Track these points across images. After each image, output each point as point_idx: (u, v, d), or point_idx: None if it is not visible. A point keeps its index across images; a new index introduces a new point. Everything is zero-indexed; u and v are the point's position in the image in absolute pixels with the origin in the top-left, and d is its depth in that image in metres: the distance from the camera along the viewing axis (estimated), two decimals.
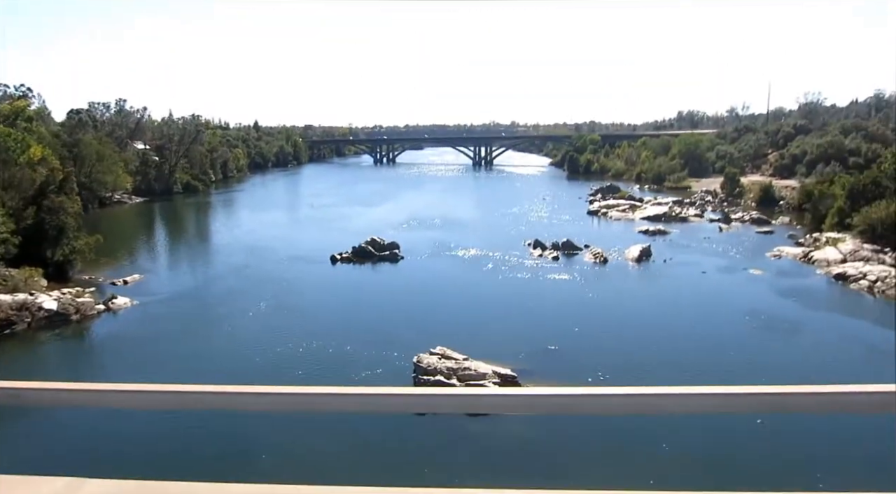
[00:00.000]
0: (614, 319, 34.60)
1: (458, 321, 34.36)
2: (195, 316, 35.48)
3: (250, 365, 28.24)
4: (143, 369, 27.78)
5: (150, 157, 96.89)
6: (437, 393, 2.86)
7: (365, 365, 27.88)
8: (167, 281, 43.77)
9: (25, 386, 2.76)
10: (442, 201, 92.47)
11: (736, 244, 54.63)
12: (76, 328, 33.95)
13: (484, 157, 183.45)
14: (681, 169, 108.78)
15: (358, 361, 28.36)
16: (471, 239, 58.95)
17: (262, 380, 26.11)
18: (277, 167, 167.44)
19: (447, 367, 24.85)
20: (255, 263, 49.00)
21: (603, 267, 46.97)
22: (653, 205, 75.92)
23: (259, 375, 27.00)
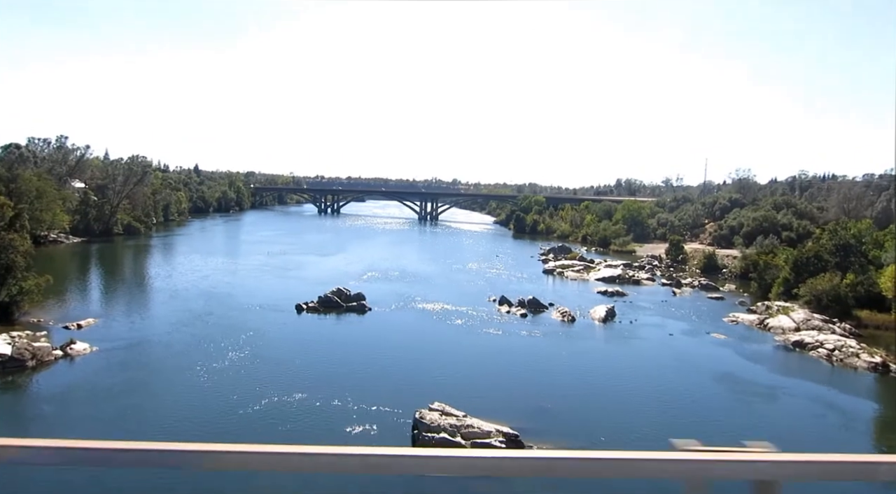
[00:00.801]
0: (597, 378, 34.95)
1: (442, 377, 33.85)
2: (162, 365, 33.54)
3: (231, 421, 26.78)
4: (111, 422, 25.93)
5: (91, 197, 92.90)
6: (460, 456, 2.65)
7: (358, 420, 26.93)
8: (125, 326, 41.30)
9: None
10: (397, 254, 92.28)
11: (692, 308, 56.60)
12: (33, 375, 31.36)
13: (430, 212, 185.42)
14: (625, 233, 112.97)
15: (348, 416, 27.37)
16: (434, 292, 58.83)
17: (247, 438, 24.84)
18: (219, 212, 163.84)
19: (450, 424, 24.28)
20: (217, 310, 47.10)
21: (572, 326, 47.56)
22: (605, 266, 78.03)
23: (243, 431, 25.64)
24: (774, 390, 33.76)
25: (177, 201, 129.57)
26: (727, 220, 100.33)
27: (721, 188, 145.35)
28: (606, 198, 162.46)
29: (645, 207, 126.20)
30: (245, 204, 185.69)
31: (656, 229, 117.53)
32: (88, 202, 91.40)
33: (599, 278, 71.69)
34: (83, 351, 34.82)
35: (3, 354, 31.44)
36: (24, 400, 28.40)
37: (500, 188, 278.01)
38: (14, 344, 32.35)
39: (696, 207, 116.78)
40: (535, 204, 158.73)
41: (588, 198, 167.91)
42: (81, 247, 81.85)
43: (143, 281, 59.36)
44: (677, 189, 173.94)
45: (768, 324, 47.81)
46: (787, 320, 47.32)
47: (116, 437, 24.53)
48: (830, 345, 40.18)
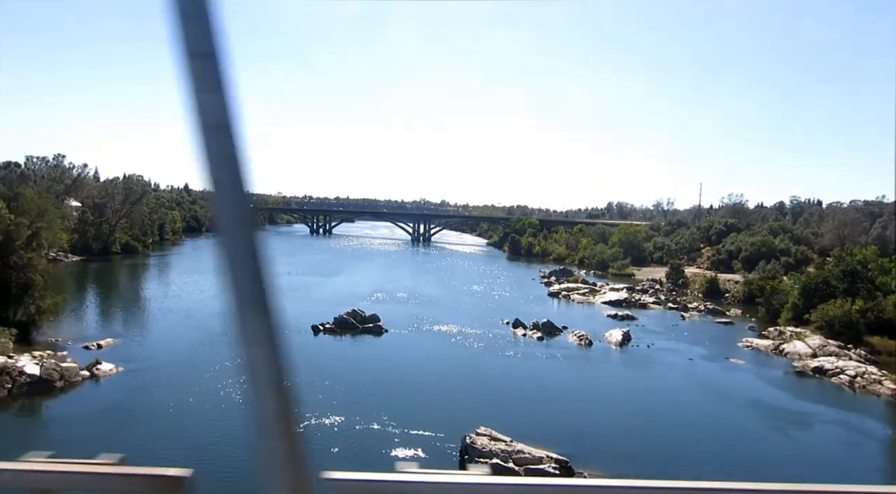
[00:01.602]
0: (630, 403, 34.90)
1: (476, 401, 33.61)
2: (191, 386, 32.94)
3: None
4: (150, 445, 25.44)
5: (89, 215, 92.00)
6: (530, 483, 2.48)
7: (401, 444, 26.66)
8: (146, 346, 40.67)
9: None
10: (399, 275, 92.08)
11: (703, 333, 56.98)
12: (62, 396, 30.80)
13: (422, 234, 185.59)
14: (622, 257, 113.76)
15: (390, 440, 27.08)
16: (445, 314, 58.69)
17: None
18: (211, 232, 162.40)
19: (500, 450, 24.12)
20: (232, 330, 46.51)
21: (590, 350, 47.62)
22: (610, 290, 78.42)
23: None
24: (805, 417, 33.98)
25: (171, 220, 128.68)
26: (724, 245, 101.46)
27: (711, 212, 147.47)
28: (600, 222, 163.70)
29: (640, 231, 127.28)
30: None
31: (653, 253, 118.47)
32: (87, 221, 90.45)
33: (606, 301, 72.04)
34: (109, 372, 34.27)
35: (33, 375, 30.86)
36: (57, 421, 27.71)
37: (489, 210, 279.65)
38: (42, 365, 31.75)
39: (692, 232, 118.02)
40: (529, 226, 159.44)
41: (581, 221, 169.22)
42: (81, 265, 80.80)
43: (152, 301, 58.55)
44: (668, 213, 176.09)
45: (784, 350, 48.20)
46: (802, 346, 47.73)
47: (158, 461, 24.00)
48: (851, 372, 40.59)
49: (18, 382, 30.25)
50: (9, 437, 25.57)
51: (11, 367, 30.48)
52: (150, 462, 2.67)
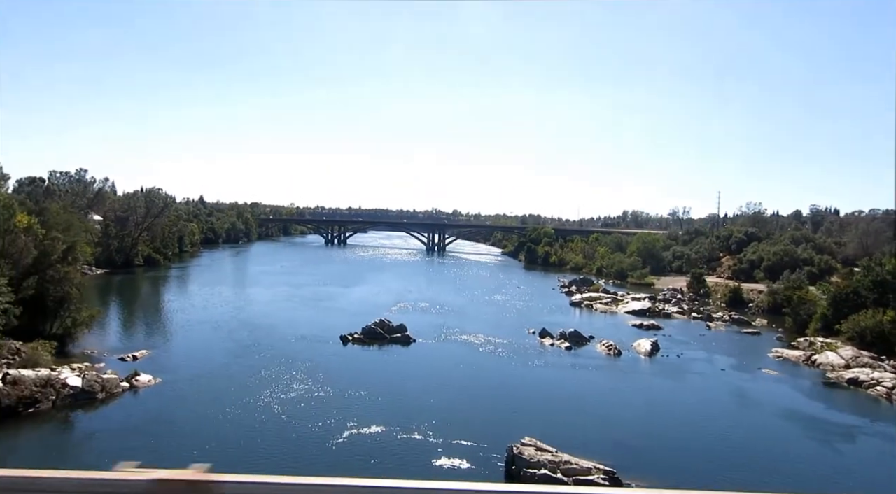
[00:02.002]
0: (669, 413, 34.72)
1: (514, 410, 33.64)
2: (230, 397, 33.08)
3: (319, 454, 26.45)
4: (194, 454, 25.57)
5: (112, 229, 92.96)
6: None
7: (444, 453, 26.62)
8: (180, 357, 40.91)
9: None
10: (419, 285, 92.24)
11: (731, 343, 56.60)
12: (105, 407, 31.06)
13: (437, 243, 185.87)
14: (642, 266, 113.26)
15: (434, 450, 27.05)
16: (470, 324, 58.70)
17: (340, 471, 24.56)
18: (228, 243, 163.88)
19: (548, 460, 24.05)
20: (263, 341, 46.82)
21: (620, 360, 47.40)
22: (633, 299, 78.08)
23: (336, 464, 25.35)
24: (847, 429, 33.58)
25: (190, 233, 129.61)
26: (746, 254, 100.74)
27: (726, 221, 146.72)
28: (616, 230, 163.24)
29: (658, 240, 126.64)
30: (253, 235, 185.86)
31: (671, 262, 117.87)
32: (110, 234, 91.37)
33: (629, 311, 71.70)
34: (148, 383, 34.54)
35: (75, 387, 31.18)
36: (102, 432, 27.87)
37: (502, 219, 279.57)
38: (84, 377, 32.06)
39: (711, 241, 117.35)
40: (545, 235, 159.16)
41: (597, 230, 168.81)
42: (106, 278, 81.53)
43: (180, 312, 58.92)
44: (684, 221, 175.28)
45: (816, 360, 47.70)
46: (834, 357, 47.25)
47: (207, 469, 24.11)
48: (888, 383, 40.10)
49: (62, 394, 30.57)
50: (59, 448, 25.84)
51: (55, 380, 30.81)
52: None
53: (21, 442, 26.70)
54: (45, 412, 29.55)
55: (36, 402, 29.45)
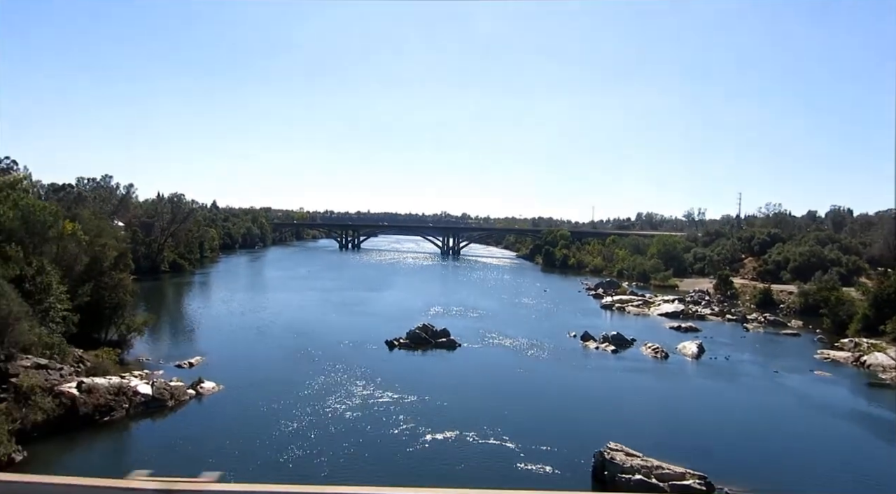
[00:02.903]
0: (738, 416, 34.58)
1: (582, 415, 33.62)
2: (296, 404, 32.98)
3: (402, 463, 26.28)
4: (277, 461, 25.58)
5: (140, 235, 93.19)
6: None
7: (527, 459, 26.46)
8: (234, 364, 40.81)
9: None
10: (445, 289, 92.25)
11: (773, 345, 56.46)
12: (175, 415, 31.06)
13: (452, 247, 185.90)
14: (665, 268, 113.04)
15: (515, 455, 26.90)
16: (508, 328, 58.62)
17: (430, 480, 24.55)
18: (244, 248, 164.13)
19: (640, 465, 23.93)
20: (310, 346, 46.76)
21: (668, 363, 47.22)
22: (665, 302, 77.89)
23: (423, 473, 25.28)
24: None
25: (210, 238, 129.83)
26: (771, 256, 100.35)
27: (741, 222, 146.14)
28: (633, 233, 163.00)
29: (679, 242, 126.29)
30: (268, 240, 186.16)
31: (693, 264, 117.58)
32: (137, 240, 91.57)
33: (662, 313, 71.56)
34: (212, 390, 34.55)
35: (146, 394, 31.19)
36: (181, 440, 27.79)
37: (512, 222, 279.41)
38: (153, 385, 32.08)
39: (733, 242, 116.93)
40: (561, 238, 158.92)
41: (613, 233, 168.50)
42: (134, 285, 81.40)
43: (220, 318, 59.01)
44: (699, 223, 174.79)
45: (865, 361, 47.47)
46: (884, 357, 47.04)
47: (290, 478, 24.19)
48: None
49: (134, 402, 30.57)
50: (142, 457, 25.79)
51: (126, 387, 30.82)
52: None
53: (103, 451, 26.67)
54: (120, 420, 29.55)
55: (111, 410, 29.47)
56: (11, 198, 52.82)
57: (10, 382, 27.21)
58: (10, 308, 28.45)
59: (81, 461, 25.31)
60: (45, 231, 48.67)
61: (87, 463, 24.92)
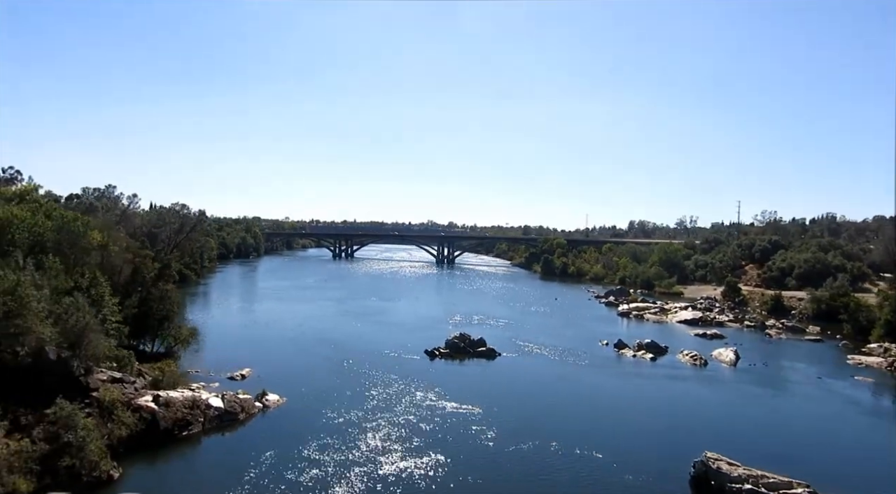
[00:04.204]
0: (807, 424, 34.97)
1: (656, 424, 33.61)
2: (366, 417, 32.53)
3: (495, 478, 26.01)
4: (371, 474, 25.19)
5: (146, 245, 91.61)
6: None
7: (620, 470, 26.37)
8: (284, 375, 39.92)
9: None
10: (458, 298, 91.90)
11: (800, 351, 57.13)
12: (248, 429, 30.43)
13: (446, 256, 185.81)
14: (668, 276, 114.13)
15: (605, 466, 26.80)
16: (536, 336, 58.65)
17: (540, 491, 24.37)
18: (238, 257, 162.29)
19: (746, 475, 23.96)
20: (352, 357, 46.28)
21: (708, 370, 47.56)
22: (682, 309, 78.58)
23: (525, 486, 25.11)
24: None
25: (210, 248, 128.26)
26: (775, 262, 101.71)
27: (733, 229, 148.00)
28: (629, 241, 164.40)
29: (679, 249, 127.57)
30: (261, 249, 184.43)
31: (694, 271, 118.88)
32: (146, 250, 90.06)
33: (681, 320, 72.16)
34: (277, 403, 33.99)
35: (219, 408, 30.55)
36: (266, 454, 27.09)
37: (500, 230, 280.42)
38: (224, 398, 31.46)
39: (733, 249, 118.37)
40: (558, 246, 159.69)
41: (607, 240, 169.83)
42: None
43: (247, 328, 58.17)
44: (692, 230, 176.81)
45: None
46: None
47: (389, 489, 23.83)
48: None
49: (208, 416, 29.92)
50: (232, 475, 25.16)
51: (200, 401, 30.17)
52: None
53: (190, 468, 25.95)
54: (198, 435, 28.85)
55: (188, 425, 28.81)
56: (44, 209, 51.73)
57: (92, 396, 26.49)
58: (86, 320, 27.74)
59: (173, 479, 24.63)
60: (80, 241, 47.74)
61: (179, 481, 24.30)
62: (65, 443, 22.63)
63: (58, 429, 23.13)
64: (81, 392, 26.16)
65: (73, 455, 22.41)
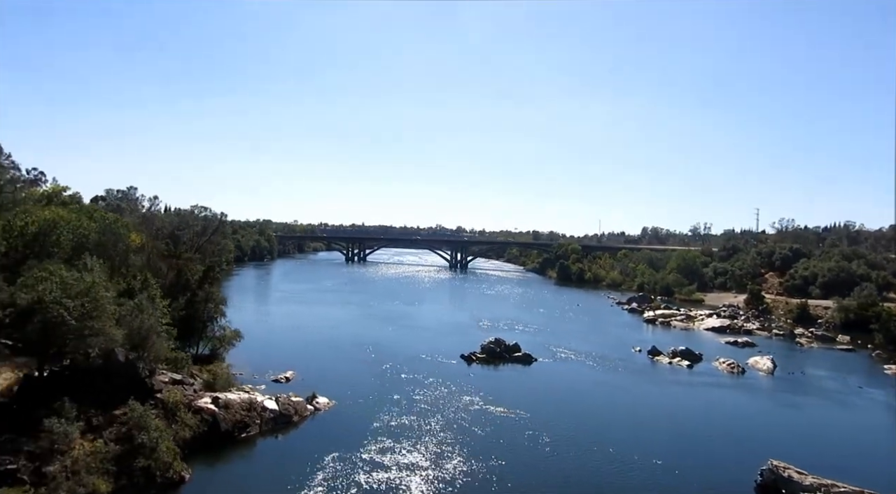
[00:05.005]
0: (866, 434, 34.78)
1: (710, 431, 33.53)
2: (417, 422, 32.54)
3: (559, 484, 26.01)
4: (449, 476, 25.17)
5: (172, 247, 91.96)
6: None
7: (684, 476, 26.32)
8: (327, 378, 39.79)
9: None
10: (481, 304, 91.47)
11: (835, 360, 56.86)
12: (303, 431, 30.49)
13: (459, 261, 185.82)
14: (688, 283, 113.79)
15: (669, 473, 26.75)
16: (567, 342, 58.52)
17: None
18: (252, 260, 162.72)
19: (818, 483, 23.86)
20: (390, 360, 46.32)
21: (747, 378, 47.38)
22: (707, 316, 78.33)
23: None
24: None
25: (228, 251, 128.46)
26: (797, 271, 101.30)
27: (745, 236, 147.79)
28: (644, 247, 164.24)
29: (697, 256, 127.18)
30: (275, 252, 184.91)
31: (713, 278, 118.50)
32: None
33: (708, 328, 71.91)
34: (327, 406, 34.04)
35: (274, 410, 30.64)
36: (326, 457, 27.08)
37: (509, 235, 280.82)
38: (278, 400, 31.53)
39: (753, 257, 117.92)
40: (572, 252, 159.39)
41: (622, 247, 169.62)
42: None
43: (280, 331, 58.26)
44: (705, 237, 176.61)
45: None
46: None
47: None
48: None
49: (264, 418, 29.99)
50: (290, 475, 25.16)
51: (255, 403, 30.24)
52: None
53: (254, 470, 25.97)
54: (254, 437, 28.94)
55: (246, 427, 28.89)
56: (85, 210, 52.01)
57: (157, 397, 26.58)
58: (150, 322, 27.87)
59: (239, 480, 24.66)
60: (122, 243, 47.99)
61: (245, 482, 24.33)
62: (138, 444, 22.72)
63: (129, 430, 23.24)
64: (147, 393, 26.26)
65: (147, 456, 22.50)
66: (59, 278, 23.88)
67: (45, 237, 41.94)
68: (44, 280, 23.47)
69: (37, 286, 22.98)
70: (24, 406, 23.17)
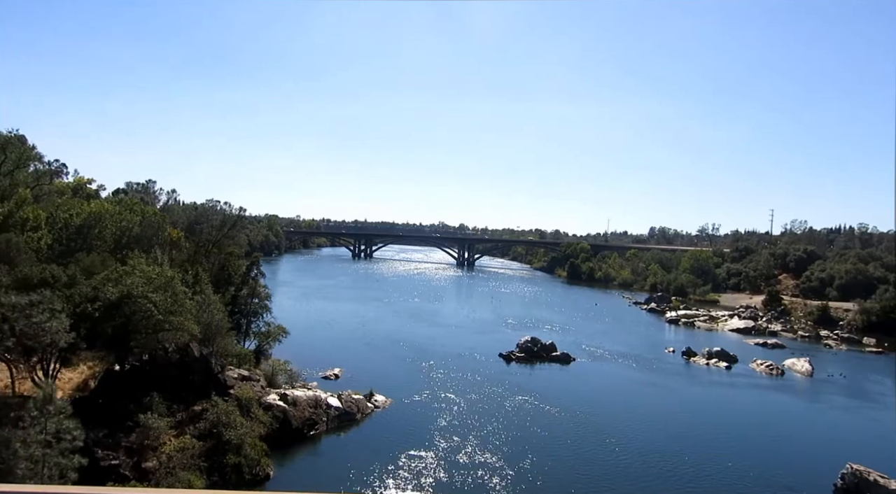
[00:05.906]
0: None
1: (768, 432, 33.44)
2: (473, 419, 32.50)
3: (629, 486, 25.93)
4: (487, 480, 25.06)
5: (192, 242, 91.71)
6: None
7: (759, 479, 26.27)
8: (376, 376, 39.55)
9: None
10: (495, 302, 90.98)
11: (868, 362, 57.03)
12: (366, 428, 30.35)
13: (466, 258, 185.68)
14: (703, 283, 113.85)
15: (743, 476, 26.69)
16: (598, 341, 58.41)
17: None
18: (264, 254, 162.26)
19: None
20: (430, 358, 46.27)
21: (788, 380, 47.35)
22: (731, 317, 78.38)
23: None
24: None
25: (241, 245, 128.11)
26: (813, 272, 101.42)
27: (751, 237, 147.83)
28: (653, 247, 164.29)
29: (710, 257, 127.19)
30: (282, 247, 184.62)
31: (727, 279, 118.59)
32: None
33: (733, 329, 71.94)
34: (385, 404, 33.89)
35: (338, 408, 30.45)
36: (398, 454, 26.99)
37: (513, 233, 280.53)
38: (341, 398, 31.36)
39: (766, 258, 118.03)
40: (582, 251, 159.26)
41: (630, 246, 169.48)
42: None
43: (314, 328, 57.85)
44: (713, 238, 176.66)
45: None
46: None
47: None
48: None
49: (330, 415, 29.82)
50: (365, 472, 25.02)
51: (321, 401, 30.05)
52: None
53: (328, 466, 25.74)
54: (321, 434, 28.78)
55: (314, 424, 28.72)
56: (125, 203, 51.70)
57: (231, 393, 26.37)
58: (219, 316, 27.65)
59: (318, 477, 24.48)
60: (160, 235, 47.82)
61: (324, 479, 24.16)
62: (224, 441, 22.54)
63: (214, 426, 23.03)
64: (221, 389, 26.06)
65: (236, 453, 22.31)
66: (141, 272, 23.63)
67: (89, 229, 41.79)
68: (128, 273, 23.21)
69: (124, 280, 22.71)
70: (107, 400, 22.95)
